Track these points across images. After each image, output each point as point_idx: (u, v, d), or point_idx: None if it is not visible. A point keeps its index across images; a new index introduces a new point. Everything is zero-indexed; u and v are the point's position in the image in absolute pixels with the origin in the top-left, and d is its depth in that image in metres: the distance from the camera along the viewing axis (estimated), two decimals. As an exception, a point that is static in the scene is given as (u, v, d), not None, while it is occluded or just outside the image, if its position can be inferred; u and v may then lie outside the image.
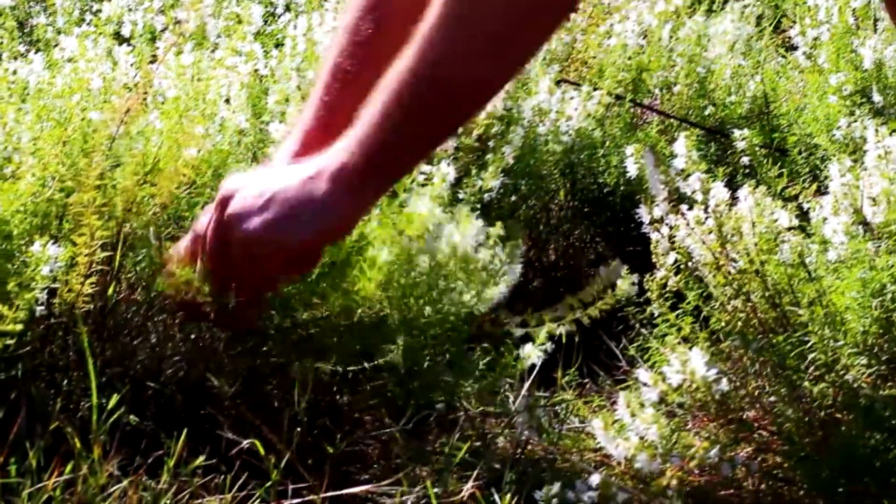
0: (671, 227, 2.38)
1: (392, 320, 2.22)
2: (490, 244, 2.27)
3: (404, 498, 2.24)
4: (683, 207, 2.36)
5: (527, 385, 2.63)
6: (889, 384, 2.22)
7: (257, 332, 2.24)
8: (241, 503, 2.19)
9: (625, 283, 2.37)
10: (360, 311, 2.20)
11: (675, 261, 2.38)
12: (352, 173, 1.94)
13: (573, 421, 2.56)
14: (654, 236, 2.40)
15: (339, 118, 2.08)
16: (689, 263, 2.38)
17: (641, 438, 2.11)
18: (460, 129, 3.17)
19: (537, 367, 2.50)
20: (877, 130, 2.40)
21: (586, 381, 2.92)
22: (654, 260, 2.41)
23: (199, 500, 2.17)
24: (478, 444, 2.33)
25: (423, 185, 2.31)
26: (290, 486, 2.20)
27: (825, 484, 2.17)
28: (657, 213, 2.39)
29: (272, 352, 2.29)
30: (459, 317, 2.26)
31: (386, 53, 2.00)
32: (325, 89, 2.20)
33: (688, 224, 2.35)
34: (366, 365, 2.23)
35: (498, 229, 2.25)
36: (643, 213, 2.41)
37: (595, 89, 3.67)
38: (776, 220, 2.35)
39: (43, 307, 2.21)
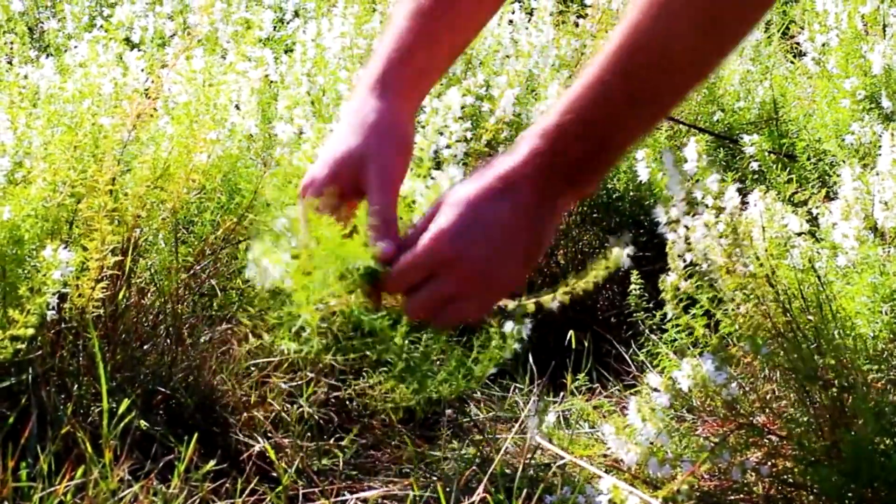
0: (687, 228, 2.37)
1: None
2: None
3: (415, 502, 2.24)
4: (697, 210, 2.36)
5: (536, 390, 2.63)
6: (899, 389, 2.22)
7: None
8: (251, 507, 2.19)
9: (619, 255, 2.34)
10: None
11: (688, 264, 2.38)
12: (555, 176, 1.82)
13: (583, 426, 2.56)
14: (670, 237, 2.40)
15: (417, 51, 1.95)
16: (704, 266, 2.38)
17: (652, 443, 2.11)
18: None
19: (547, 373, 2.50)
20: (892, 135, 2.40)
21: (596, 386, 2.92)
22: (668, 262, 2.41)
23: (210, 505, 2.17)
24: (488, 448, 2.33)
25: (428, 188, 2.30)
26: (301, 490, 2.20)
27: (835, 488, 2.17)
28: (674, 213, 2.39)
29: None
30: None
31: None
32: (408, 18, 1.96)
33: (705, 225, 2.35)
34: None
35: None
36: (660, 213, 2.40)
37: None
38: (786, 225, 2.35)
39: (54, 312, 2.21)
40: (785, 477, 2.30)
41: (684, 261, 2.38)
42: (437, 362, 2.26)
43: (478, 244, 1.73)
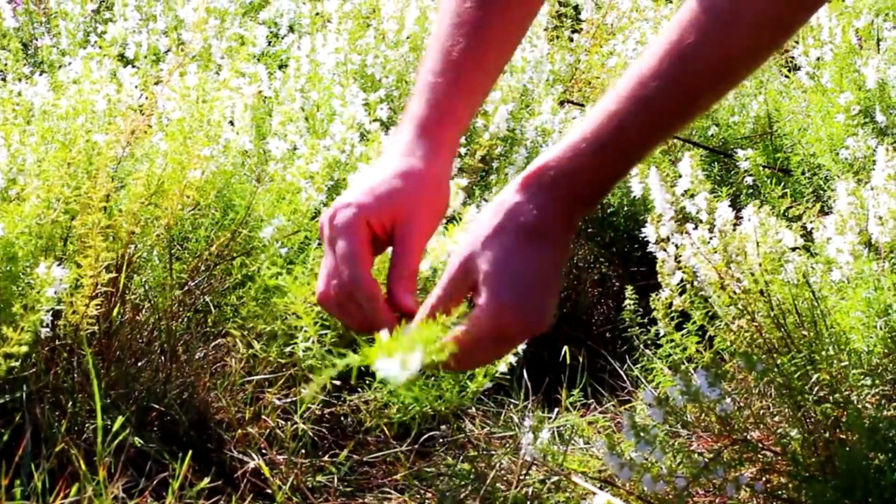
0: (677, 247, 2.38)
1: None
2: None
3: (409, 519, 2.24)
4: (688, 227, 2.36)
5: (531, 406, 2.63)
6: (894, 404, 2.22)
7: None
8: (246, 524, 2.19)
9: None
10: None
11: (681, 280, 2.38)
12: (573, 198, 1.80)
13: (578, 441, 2.56)
14: (660, 255, 2.40)
15: (454, 102, 1.93)
16: (695, 283, 2.38)
17: (646, 459, 2.11)
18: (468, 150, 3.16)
19: (542, 389, 2.49)
20: (887, 150, 2.40)
21: (591, 401, 2.92)
22: (659, 280, 2.41)
23: (205, 522, 2.17)
24: (483, 464, 2.33)
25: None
26: (296, 507, 2.20)
27: (830, 504, 2.17)
28: (664, 232, 2.39)
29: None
30: None
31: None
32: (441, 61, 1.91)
33: (693, 244, 2.35)
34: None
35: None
36: (649, 232, 2.41)
37: (598, 109, 3.68)
38: (781, 240, 2.35)
39: (48, 329, 2.21)
40: (779, 493, 2.30)
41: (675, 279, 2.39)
42: (433, 377, 2.26)
43: (530, 301, 1.74)
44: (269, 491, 2.21)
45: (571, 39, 4.65)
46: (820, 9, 1.76)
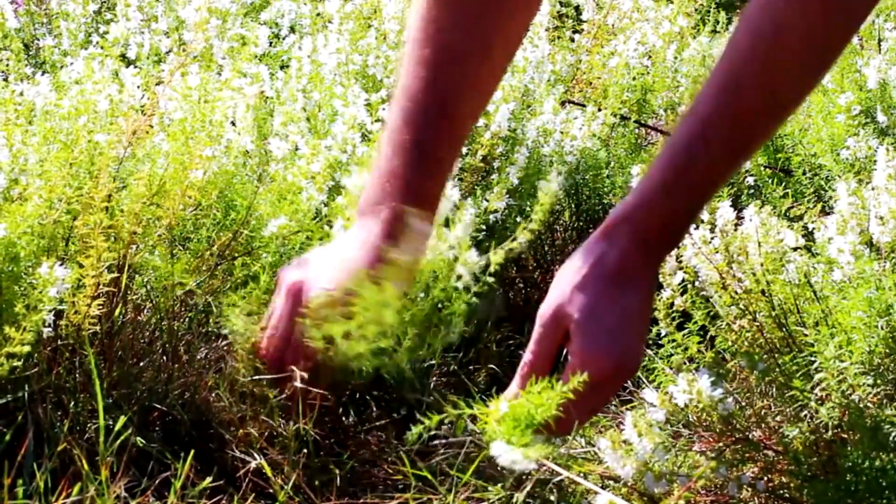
0: (679, 247, 2.38)
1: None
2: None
3: (411, 519, 2.24)
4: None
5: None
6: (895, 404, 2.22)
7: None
8: (248, 524, 2.19)
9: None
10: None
11: (682, 280, 2.39)
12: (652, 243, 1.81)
13: (580, 441, 2.56)
14: (660, 256, 2.40)
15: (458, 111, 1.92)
16: (696, 283, 2.38)
17: (648, 458, 2.11)
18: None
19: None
20: (888, 150, 2.40)
21: (592, 401, 2.92)
22: (660, 280, 2.41)
23: (206, 522, 2.17)
24: (484, 465, 2.33)
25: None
26: (298, 507, 2.20)
27: (832, 504, 2.17)
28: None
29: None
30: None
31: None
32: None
33: (695, 244, 2.35)
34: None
35: (498, 257, 2.21)
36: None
37: (600, 110, 3.69)
38: (782, 240, 2.36)
39: (50, 329, 2.21)
40: (781, 492, 2.30)
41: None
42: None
43: (624, 345, 1.77)
44: (270, 490, 2.21)
45: (573, 40, 4.65)
46: (860, 27, 1.76)
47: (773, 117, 1.79)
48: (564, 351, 1.88)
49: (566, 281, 1.79)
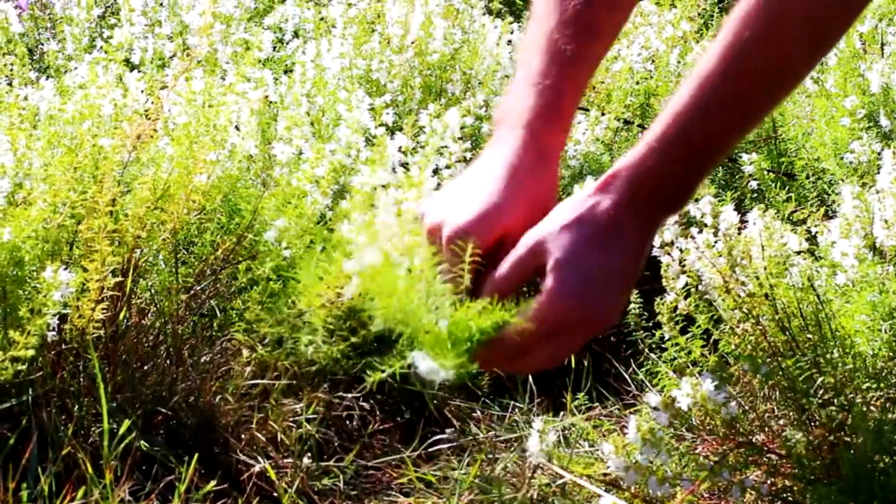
0: (682, 251, 2.38)
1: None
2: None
3: (415, 522, 2.24)
4: (693, 231, 2.37)
5: (536, 409, 2.63)
6: (899, 407, 2.22)
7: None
8: (252, 528, 2.19)
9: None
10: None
11: (685, 284, 2.39)
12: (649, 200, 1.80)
13: (583, 445, 2.56)
14: (664, 259, 2.40)
15: (564, 102, 1.92)
16: (699, 287, 2.38)
17: (651, 462, 2.11)
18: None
19: (547, 392, 2.49)
20: (892, 153, 2.40)
21: (595, 405, 2.93)
22: (663, 284, 2.41)
23: (211, 525, 2.18)
24: (488, 468, 2.33)
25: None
26: (301, 511, 2.20)
27: (835, 507, 2.17)
28: (668, 236, 2.39)
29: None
30: None
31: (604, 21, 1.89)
32: (541, 73, 1.89)
33: (698, 248, 2.36)
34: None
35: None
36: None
37: (603, 114, 3.69)
38: (785, 244, 2.36)
39: (54, 333, 2.21)
40: (784, 495, 2.30)
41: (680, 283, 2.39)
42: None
43: (597, 298, 1.73)
44: (275, 494, 2.22)
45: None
46: (863, 10, 1.77)
47: (774, 91, 1.79)
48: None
49: (556, 218, 1.78)
